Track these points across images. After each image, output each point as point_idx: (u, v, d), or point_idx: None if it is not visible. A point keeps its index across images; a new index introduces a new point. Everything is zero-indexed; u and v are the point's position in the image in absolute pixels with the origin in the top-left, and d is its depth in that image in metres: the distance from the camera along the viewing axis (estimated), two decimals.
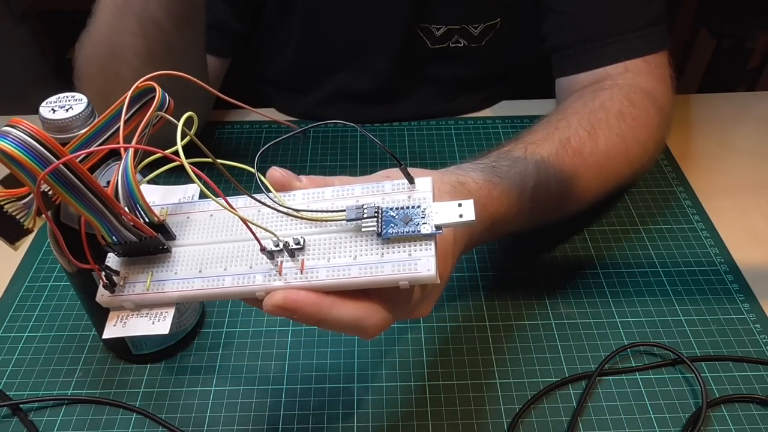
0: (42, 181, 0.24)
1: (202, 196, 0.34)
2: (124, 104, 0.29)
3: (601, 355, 0.49)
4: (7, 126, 0.24)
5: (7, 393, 0.46)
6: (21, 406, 0.45)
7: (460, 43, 0.70)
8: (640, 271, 0.55)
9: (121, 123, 0.29)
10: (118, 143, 0.29)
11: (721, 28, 1.46)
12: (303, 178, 0.34)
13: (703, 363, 0.48)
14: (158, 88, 0.30)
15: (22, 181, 0.26)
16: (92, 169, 0.32)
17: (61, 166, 0.25)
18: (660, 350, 0.49)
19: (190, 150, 0.28)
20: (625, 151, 0.55)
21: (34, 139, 0.24)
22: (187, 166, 0.27)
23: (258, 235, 0.29)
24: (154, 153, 0.29)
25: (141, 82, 0.29)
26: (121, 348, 0.47)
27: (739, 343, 0.49)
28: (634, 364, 0.48)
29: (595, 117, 0.54)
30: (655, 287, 0.54)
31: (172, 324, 0.30)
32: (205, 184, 0.29)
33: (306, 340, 0.50)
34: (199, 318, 0.50)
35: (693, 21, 1.46)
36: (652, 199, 0.63)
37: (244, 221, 0.29)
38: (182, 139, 0.27)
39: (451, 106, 0.75)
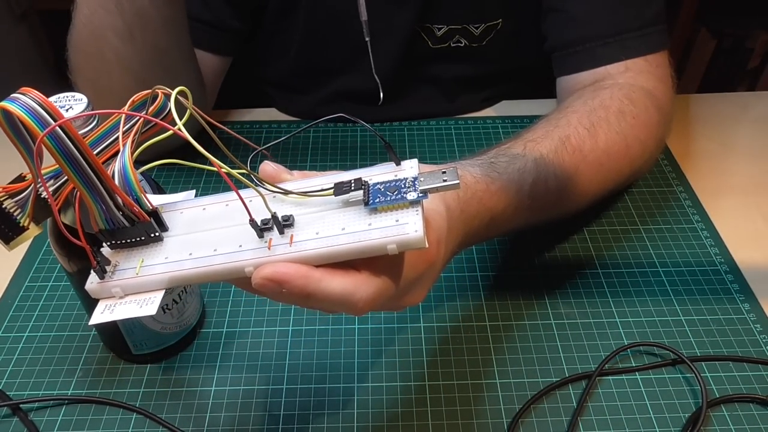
0: (41, 145, 0.26)
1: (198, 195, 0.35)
2: (125, 111, 0.30)
3: (601, 355, 0.49)
4: (17, 93, 0.26)
5: (7, 393, 0.46)
6: (21, 406, 0.45)
7: (461, 43, 0.70)
8: (640, 271, 0.55)
9: (123, 120, 0.29)
10: (120, 147, 0.30)
11: (721, 28, 1.46)
12: (294, 172, 0.34)
13: (703, 363, 0.48)
14: (162, 94, 0.30)
15: (18, 151, 0.27)
16: None
17: (58, 129, 0.26)
18: (660, 350, 0.49)
19: (189, 152, 0.28)
20: (625, 149, 0.55)
21: (39, 106, 0.25)
22: (191, 140, 0.27)
23: (250, 209, 0.29)
24: (151, 139, 0.30)
25: (138, 97, 0.30)
26: (121, 348, 0.47)
27: (739, 343, 0.50)
28: (634, 364, 0.48)
29: (595, 115, 0.55)
30: (655, 287, 0.54)
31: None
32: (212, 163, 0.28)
33: (306, 340, 0.50)
34: (199, 318, 0.50)
35: (693, 21, 1.46)
36: (652, 199, 0.63)
37: (230, 183, 0.29)
38: (180, 112, 0.27)
39: (451, 106, 0.75)
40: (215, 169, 0.28)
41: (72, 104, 0.35)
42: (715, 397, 0.46)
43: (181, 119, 0.27)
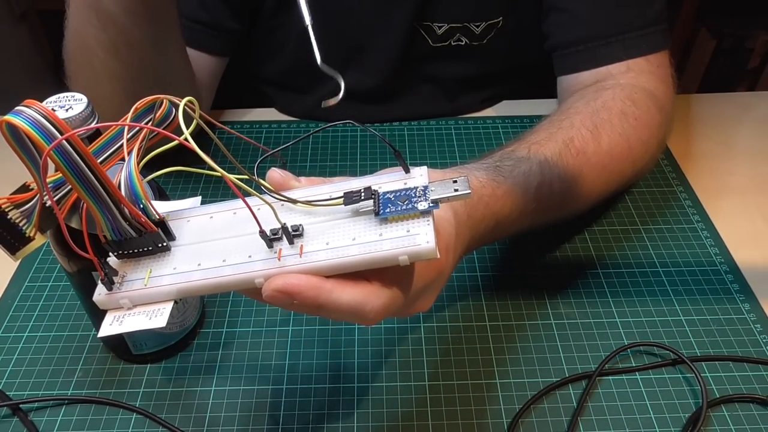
0: (47, 158, 0.26)
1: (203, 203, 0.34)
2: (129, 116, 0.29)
3: (601, 355, 0.49)
4: (21, 105, 0.26)
5: (7, 393, 0.46)
6: (21, 406, 0.45)
7: (462, 42, 0.70)
8: (640, 271, 0.55)
9: (126, 129, 0.29)
10: (125, 154, 0.29)
11: (721, 28, 1.46)
12: (302, 179, 0.34)
13: (703, 363, 0.48)
14: (166, 102, 0.30)
15: (24, 164, 0.27)
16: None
17: (65, 143, 0.26)
18: (660, 350, 0.49)
19: (190, 154, 0.28)
20: (627, 150, 0.55)
21: (45, 119, 0.25)
22: (197, 150, 0.27)
23: (258, 218, 0.29)
24: (157, 148, 0.30)
25: (141, 104, 0.30)
26: (121, 348, 0.47)
27: (739, 343, 0.49)
28: (634, 364, 0.48)
29: (597, 117, 0.55)
30: (655, 287, 0.54)
31: (170, 318, 0.30)
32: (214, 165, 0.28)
33: (306, 340, 0.50)
34: (199, 318, 0.50)
35: (693, 21, 1.46)
36: (652, 199, 0.63)
37: (239, 194, 0.28)
38: (186, 120, 0.27)
39: (451, 105, 0.75)
40: (219, 175, 0.28)
41: (72, 104, 0.35)
42: (715, 397, 0.46)
43: (187, 128, 0.27)
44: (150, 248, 0.31)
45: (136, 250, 0.31)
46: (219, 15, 0.66)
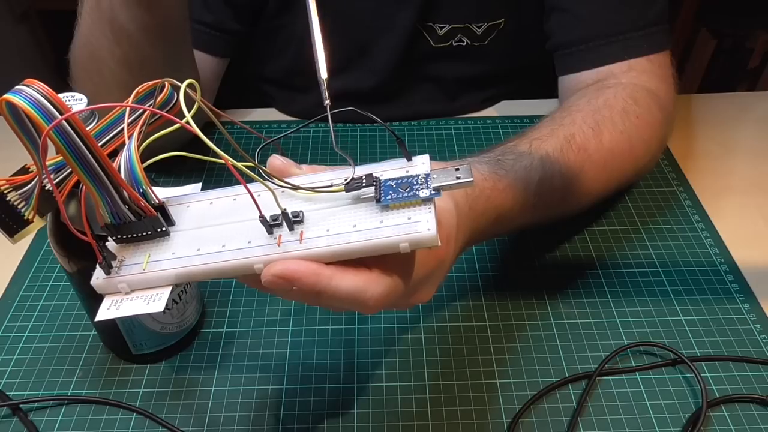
0: (47, 139, 0.25)
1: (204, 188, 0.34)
2: (129, 103, 0.29)
3: (601, 355, 0.49)
4: (21, 84, 0.25)
5: (7, 393, 0.46)
6: (21, 406, 0.45)
7: (463, 42, 0.70)
8: (640, 271, 0.55)
9: (127, 111, 0.29)
10: (126, 137, 0.29)
11: (721, 28, 1.46)
12: (303, 166, 0.34)
13: (703, 363, 0.48)
14: (168, 86, 0.30)
15: (22, 142, 0.26)
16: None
17: (64, 123, 0.25)
18: (660, 350, 0.49)
19: (193, 146, 0.28)
20: (629, 148, 0.55)
21: (45, 98, 0.25)
22: (199, 133, 0.27)
23: (259, 203, 0.29)
24: (158, 131, 0.30)
25: (142, 88, 0.29)
26: (121, 348, 0.47)
27: (739, 343, 0.49)
28: (634, 364, 0.48)
29: (599, 114, 0.55)
30: (655, 287, 0.54)
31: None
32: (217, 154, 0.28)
33: (306, 340, 0.50)
34: (199, 318, 0.50)
35: (693, 21, 1.46)
36: (652, 199, 0.63)
37: (239, 178, 0.28)
38: (187, 103, 0.27)
39: (452, 105, 0.75)
40: (222, 162, 0.28)
41: (72, 104, 0.35)
42: (715, 397, 0.46)
43: (188, 112, 0.27)
44: (149, 233, 0.31)
45: (135, 235, 0.31)
46: (222, 16, 0.66)
